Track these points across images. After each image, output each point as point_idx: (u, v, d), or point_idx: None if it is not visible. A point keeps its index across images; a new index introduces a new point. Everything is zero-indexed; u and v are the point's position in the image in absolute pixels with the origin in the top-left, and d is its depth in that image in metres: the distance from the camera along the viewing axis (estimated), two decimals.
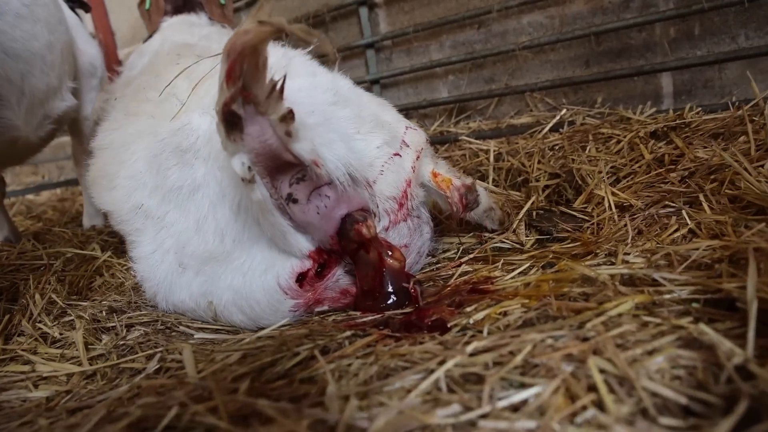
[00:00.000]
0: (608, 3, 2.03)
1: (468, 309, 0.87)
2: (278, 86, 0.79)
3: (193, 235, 1.04)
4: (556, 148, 1.89)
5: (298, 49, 1.39)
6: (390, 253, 1.01)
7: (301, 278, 1.00)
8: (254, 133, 0.82)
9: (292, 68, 1.10)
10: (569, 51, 2.16)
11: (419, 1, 2.49)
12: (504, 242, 1.37)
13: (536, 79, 2.27)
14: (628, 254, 1.04)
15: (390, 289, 0.99)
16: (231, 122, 0.80)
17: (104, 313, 1.13)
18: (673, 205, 1.29)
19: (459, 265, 1.21)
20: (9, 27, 1.46)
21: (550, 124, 2.02)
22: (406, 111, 2.67)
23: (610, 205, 1.37)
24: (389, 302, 0.99)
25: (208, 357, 0.83)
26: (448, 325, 0.81)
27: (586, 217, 1.37)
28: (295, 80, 1.05)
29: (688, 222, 1.17)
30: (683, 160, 1.46)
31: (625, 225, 1.25)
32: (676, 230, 1.15)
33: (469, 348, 0.69)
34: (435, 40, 2.50)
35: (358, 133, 1.08)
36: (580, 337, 0.69)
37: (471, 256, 1.26)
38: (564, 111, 2.06)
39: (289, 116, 0.82)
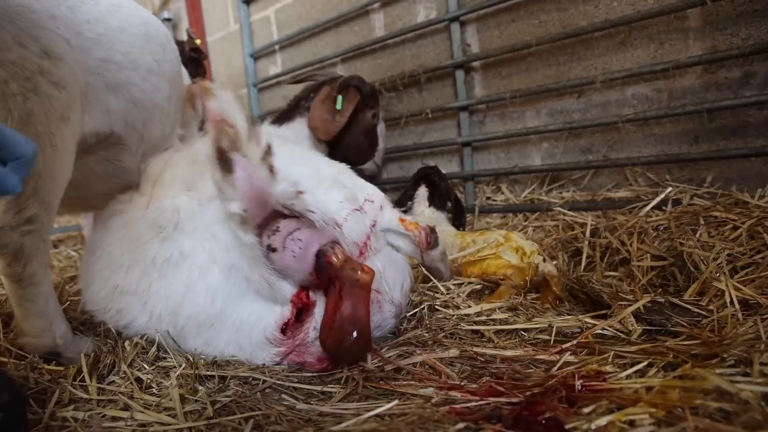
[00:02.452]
0: (724, 78, 1.94)
1: (585, 410, 0.80)
2: (256, 129, 1.02)
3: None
4: (661, 228, 1.78)
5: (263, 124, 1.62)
6: (360, 271, 1.09)
7: (284, 327, 1.17)
8: (243, 176, 1.03)
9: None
10: (676, 125, 2.07)
11: (517, 67, 2.51)
12: (606, 329, 1.28)
13: (638, 153, 2.18)
14: (766, 364, 0.93)
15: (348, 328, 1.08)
16: (224, 163, 1.01)
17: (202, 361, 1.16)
18: None
19: (561, 351, 1.14)
20: (140, 80, 1.62)
21: (654, 201, 1.92)
22: (496, 176, 2.66)
23: (732, 300, 1.25)
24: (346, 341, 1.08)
25: None
26: (566, 428, 0.75)
27: (704, 312, 1.26)
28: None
29: None
30: None
31: (754, 325, 1.13)
32: None
33: None
34: (531, 106, 2.49)
35: (318, 188, 1.26)
36: None
37: (574, 342, 1.18)
38: (669, 189, 1.95)
39: (267, 152, 1.02)
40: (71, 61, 1.33)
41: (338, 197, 1.27)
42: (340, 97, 2.42)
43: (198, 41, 3.20)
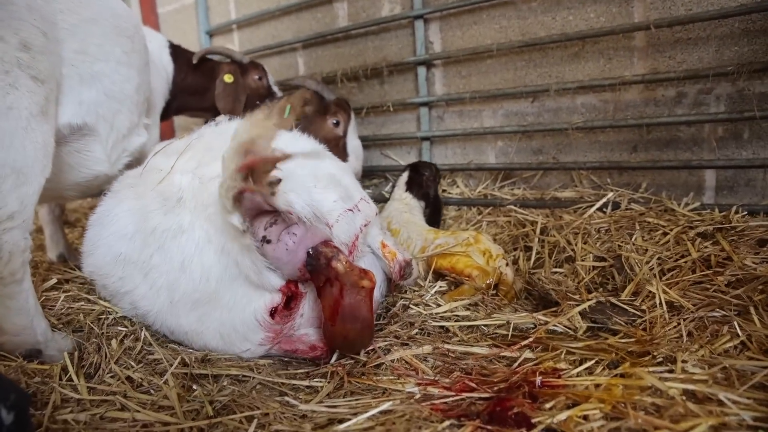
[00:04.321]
0: (661, 96, 2.16)
1: (547, 405, 0.95)
2: (273, 172, 1.03)
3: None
4: (602, 231, 1.98)
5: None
6: (365, 279, 1.17)
7: (273, 311, 1.24)
8: (247, 199, 1.09)
9: None
10: (619, 135, 2.28)
11: (477, 67, 2.63)
12: (557, 326, 1.46)
13: (584, 157, 2.38)
14: (686, 362, 1.12)
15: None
16: (238, 201, 1.06)
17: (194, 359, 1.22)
18: (723, 311, 1.38)
19: (520, 348, 1.30)
20: (112, 71, 1.60)
21: (598, 204, 2.12)
22: (453, 170, 2.80)
23: (661, 302, 1.45)
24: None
25: None
26: (532, 422, 0.89)
27: (638, 312, 1.46)
28: None
29: (739, 333, 1.25)
30: (731, 265, 1.55)
31: (677, 326, 1.34)
32: (728, 340, 1.23)
33: None
34: (488, 106, 2.63)
35: (316, 187, 1.33)
36: None
37: (530, 339, 1.34)
38: (611, 193, 2.16)
39: (276, 183, 1.06)
40: (49, 54, 1.30)
41: (333, 196, 1.33)
42: (288, 107, 2.43)
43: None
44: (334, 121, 2.57)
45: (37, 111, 1.22)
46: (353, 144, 2.64)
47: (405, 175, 2.37)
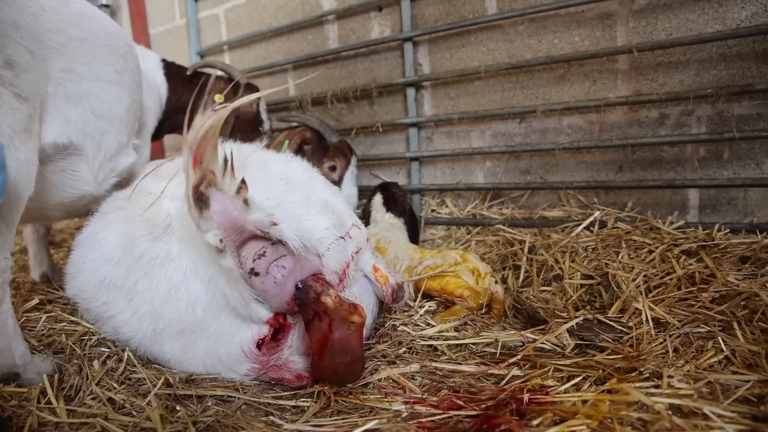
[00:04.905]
0: (645, 117, 2.21)
1: (534, 422, 0.95)
2: (230, 163, 1.04)
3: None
4: (589, 249, 2.00)
5: (252, 145, 1.67)
6: (356, 314, 1.16)
7: (260, 343, 1.22)
8: (219, 209, 1.06)
9: (248, 162, 1.41)
10: (604, 155, 2.32)
11: (465, 89, 2.68)
12: (545, 343, 1.46)
13: (571, 177, 2.41)
14: (672, 377, 1.13)
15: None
16: (200, 200, 1.04)
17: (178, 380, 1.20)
18: (707, 327, 1.39)
19: (508, 366, 1.29)
20: (101, 91, 1.60)
21: (585, 223, 2.15)
22: (442, 190, 2.82)
23: (647, 319, 1.46)
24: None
25: None
26: None
27: (625, 329, 1.47)
28: (252, 173, 1.27)
29: (723, 348, 1.26)
30: (714, 282, 1.57)
31: (663, 342, 1.35)
32: (713, 355, 1.24)
33: None
34: (476, 127, 2.67)
35: (308, 214, 1.31)
36: None
37: (518, 357, 1.34)
38: (597, 212, 2.19)
39: (242, 186, 1.06)
40: (34, 72, 1.30)
41: (324, 224, 1.30)
42: (286, 142, 2.44)
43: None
44: (331, 165, 2.56)
45: (20, 128, 1.21)
46: (348, 192, 2.59)
47: (378, 197, 2.37)
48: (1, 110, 1.19)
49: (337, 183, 2.57)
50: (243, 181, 1.07)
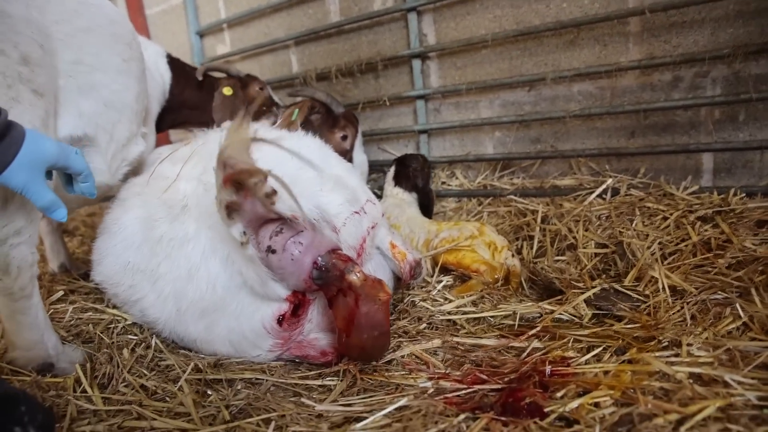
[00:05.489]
0: (658, 81, 2.16)
1: (558, 394, 0.97)
2: (263, 177, 1.02)
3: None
4: (603, 217, 2.00)
5: (263, 121, 1.65)
6: (382, 291, 1.16)
7: (281, 319, 1.25)
8: (248, 211, 1.09)
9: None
10: (616, 121, 2.29)
11: (472, 58, 2.63)
12: (562, 314, 1.48)
13: (582, 145, 2.39)
14: (691, 345, 1.14)
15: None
16: (231, 209, 1.06)
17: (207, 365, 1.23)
18: (724, 293, 1.40)
19: (528, 338, 1.32)
20: (110, 81, 1.59)
21: (598, 191, 2.14)
22: (451, 162, 2.80)
23: (664, 287, 1.47)
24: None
25: None
26: (545, 411, 0.91)
27: (641, 297, 1.48)
28: (266, 152, 1.23)
29: (741, 315, 1.27)
30: (731, 247, 1.57)
31: (681, 310, 1.36)
32: (730, 322, 1.25)
33: None
34: (485, 96, 2.63)
35: (322, 191, 1.32)
36: None
37: (537, 328, 1.36)
38: (610, 180, 2.18)
39: (272, 194, 1.04)
40: (46, 66, 1.30)
41: (339, 200, 1.31)
42: (296, 111, 2.44)
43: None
44: (343, 135, 2.56)
45: (39, 124, 1.22)
46: (359, 159, 2.63)
47: (392, 170, 2.38)
48: (21, 107, 1.19)
49: (349, 151, 2.59)
50: (273, 191, 1.04)
